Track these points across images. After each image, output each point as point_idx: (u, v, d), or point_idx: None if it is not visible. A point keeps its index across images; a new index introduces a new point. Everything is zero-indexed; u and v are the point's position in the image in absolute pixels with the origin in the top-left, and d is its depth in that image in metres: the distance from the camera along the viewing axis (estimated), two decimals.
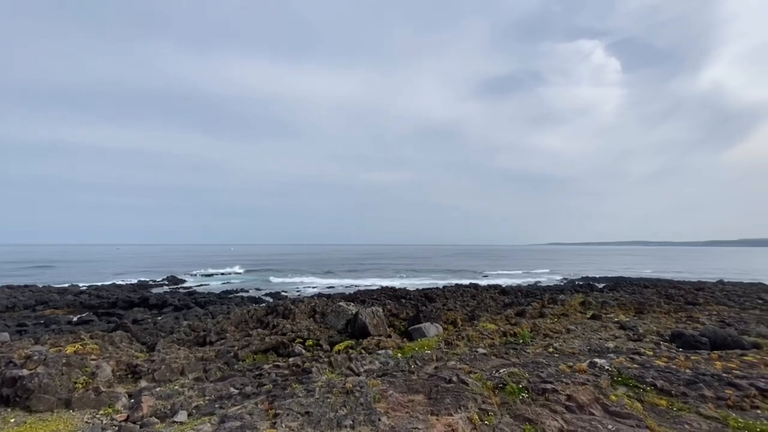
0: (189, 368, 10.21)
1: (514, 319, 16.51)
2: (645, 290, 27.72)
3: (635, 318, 16.36)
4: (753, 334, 12.15)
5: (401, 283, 43.63)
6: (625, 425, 5.78)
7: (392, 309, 18.81)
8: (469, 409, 6.13)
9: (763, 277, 47.07)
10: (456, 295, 27.98)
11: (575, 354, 9.93)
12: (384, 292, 30.40)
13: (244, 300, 34.12)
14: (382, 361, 9.61)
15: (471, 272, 66.06)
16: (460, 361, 9.31)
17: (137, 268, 74.86)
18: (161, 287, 45.09)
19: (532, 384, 7.15)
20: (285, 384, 7.85)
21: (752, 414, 6.12)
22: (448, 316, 16.99)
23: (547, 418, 5.90)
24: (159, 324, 21.01)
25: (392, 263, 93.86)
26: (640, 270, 68.26)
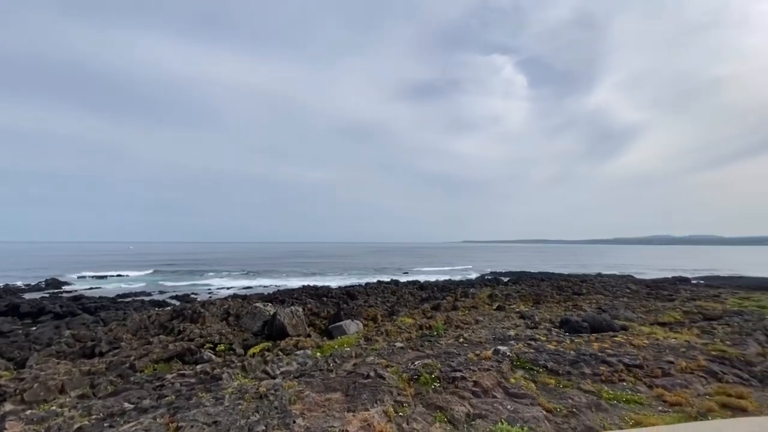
0: (71, 385, 8.88)
1: (430, 312, 17.36)
2: (542, 283, 31.24)
3: (533, 308, 18.34)
4: (622, 318, 14.44)
5: (324, 282, 43.12)
6: (522, 404, 6.44)
7: (313, 308, 18.50)
8: (385, 403, 6.29)
9: (631, 270, 56.09)
10: (377, 291, 28.53)
11: (482, 343, 10.78)
12: (305, 290, 29.76)
13: (144, 304, 30.60)
14: (300, 362, 9.39)
15: (393, 269, 67.92)
16: (378, 356, 9.51)
17: (6, 269, 62.75)
18: (38, 292, 38.40)
19: (444, 373, 7.59)
20: (190, 394, 7.23)
21: (620, 386, 7.26)
22: (369, 313, 17.25)
23: (456, 404, 6.31)
24: (33, 335, 17.85)
25: (315, 261, 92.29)
26: (539, 265, 76.74)
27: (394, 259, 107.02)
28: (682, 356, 8.88)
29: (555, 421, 5.92)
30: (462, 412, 6.09)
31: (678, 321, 14.08)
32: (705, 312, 15.43)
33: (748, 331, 11.58)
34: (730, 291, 24.99)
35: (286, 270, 65.99)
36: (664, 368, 8.05)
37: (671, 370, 8.03)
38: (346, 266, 75.29)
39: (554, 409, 6.28)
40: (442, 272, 61.91)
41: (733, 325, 12.59)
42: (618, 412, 6.23)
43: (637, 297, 22.06)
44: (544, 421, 5.82)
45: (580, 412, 6.23)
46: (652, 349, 9.53)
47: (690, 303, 18.37)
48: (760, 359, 8.74)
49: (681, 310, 16.09)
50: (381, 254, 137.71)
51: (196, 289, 42.12)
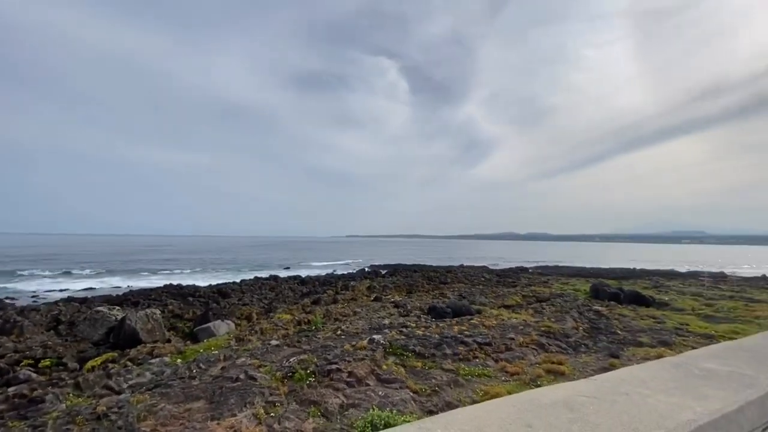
0: None
1: (309, 307, 17.16)
2: (414, 274, 33.87)
3: (406, 297, 19.74)
4: (477, 303, 16.61)
5: (191, 280, 38.72)
6: (392, 389, 6.83)
7: (175, 309, 16.46)
8: (255, 405, 5.95)
9: (485, 262, 65.04)
10: (254, 288, 26.90)
11: (359, 333, 11.12)
12: (167, 290, 26.18)
13: None
14: (156, 371, 8.23)
15: (274, 264, 65.05)
16: (251, 356, 8.96)
17: None
18: None
19: (320, 367, 7.57)
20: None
21: (474, 363, 8.31)
22: (243, 311, 16.17)
23: (330, 397, 6.34)
24: None
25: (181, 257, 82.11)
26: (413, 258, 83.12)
27: (275, 253, 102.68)
28: (520, 333, 10.64)
29: (420, 400, 6.45)
30: (336, 404, 6.16)
31: (518, 303, 16.87)
32: (537, 295, 18.86)
33: (567, 310, 14.57)
34: (555, 278, 31.09)
35: (142, 267, 57.12)
36: (507, 344, 9.52)
37: (512, 345, 9.55)
38: (219, 262, 69.18)
39: (420, 389, 6.84)
40: (326, 266, 62.00)
41: (556, 305, 15.67)
42: (472, 386, 7.11)
43: (489, 284, 25.70)
44: (410, 402, 6.28)
45: (441, 389, 6.91)
46: (499, 328, 11.19)
47: (527, 288, 22.23)
48: (574, 332, 11.06)
49: (521, 294, 19.34)
50: (261, 249, 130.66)
51: (14, 293, 33.30)
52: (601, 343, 10.19)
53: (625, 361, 8.46)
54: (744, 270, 50.25)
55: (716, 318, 13.60)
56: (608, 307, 15.55)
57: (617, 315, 13.92)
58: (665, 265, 60.05)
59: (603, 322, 12.42)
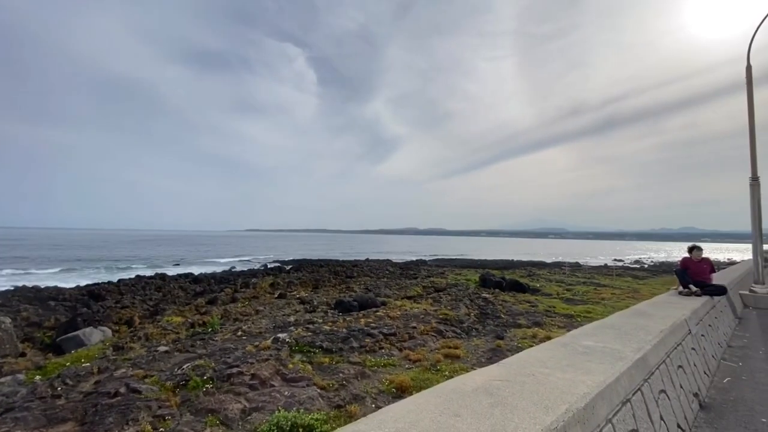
0: None
1: (204, 307, 15.78)
2: (321, 269, 33.60)
3: (312, 293, 19.47)
4: (382, 295, 17.21)
5: (53, 281, 32.39)
6: (298, 387, 6.69)
7: (31, 317, 13.63)
8: (140, 422, 5.28)
9: (388, 255, 67.62)
10: (136, 289, 23.65)
11: (262, 333, 10.62)
12: (19, 294, 21.47)
13: None
14: (6, 392, 6.72)
15: (161, 262, 58.01)
16: (133, 366, 7.90)
17: None
18: None
19: (218, 372, 7.04)
20: None
21: (380, 354, 8.59)
22: (122, 315, 14.14)
23: (230, 403, 5.94)
24: None
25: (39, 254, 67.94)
26: (319, 253, 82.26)
27: (163, 249, 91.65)
28: (421, 321, 11.35)
29: (327, 396, 6.44)
30: (237, 410, 5.80)
31: (419, 294, 17.98)
32: (435, 286, 20.32)
33: (460, 298, 15.99)
34: (450, 269, 33.86)
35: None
36: (410, 333, 10.07)
37: (415, 333, 10.13)
38: (91, 260, 59.20)
39: (327, 385, 6.83)
40: (223, 263, 57.54)
41: (452, 294, 17.09)
42: (378, 377, 7.36)
43: (393, 277, 26.83)
44: (318, 399, 6.24)
45: (349, 383, 7.01)
46: (403, 318, 11.78)
47: (427, 279, 23.81)
48: (466, 317, 12.19)
49: (421, 285, 20.63)
50: (146, 244, 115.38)
51: None
52: (488, 326, 11.43)
53: (508, 342, 9.63)
54: (594, 260, 62.18)
55: (574, 300, 16.37)
56: (494, 294, 17.54)
57: (501, 301, 15.78)
58: (536, 256, 70.08)
59: (490, 308, 13.95)
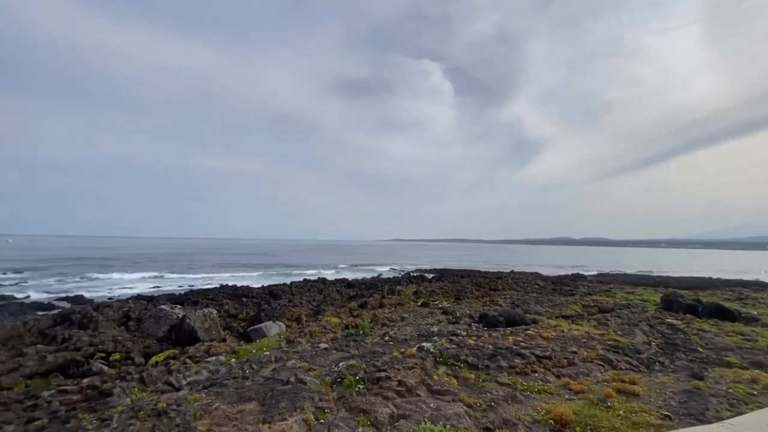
0: None
1: (357, 311, 17.15)
2: (462, 280, 32.95)
3: (455, 303, 19.12)
4: (532, 312, 15.65)
5: (244, 281, 40.63)
6: (444, 401, 6.47)
7: (230, 309, 17.17)
8: (305, 410, 5.87)
9: (538, 268, 61.96)
10: (303, 290, 27.58)
11: (407, 340, 10.83)
12: (222, 291, 27.63)
13: (24, 308, 25.86)
14: (212, 370, 8.49)
15: (320, 267, 66.67)
16: (300, 358, 8.99)
17: None
18: None
19: (369, 374, 7.38)
20: (69, 416, 6.06)
21: (532, 377, 7.70)
22: (293, 313, 16.49)
23: (380, 406, 6.12)
24: None
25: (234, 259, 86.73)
26: (460, 262, 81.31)
27: (321, 256, 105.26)
28: (583, 346, 9.78)
29: (475, 416, 6.02)
30: (386, 414, 5.92)
31: (578, 314, 15.67)
32: (600, 305, 17.43)
33: (635, 322, 13.27)
34: (617, 286, 28.75)
35: (200, 268, 61.03)
36: (569, 358, 8.76)
37: (575, 359, 8.77)
38: (269, 264, 72.05)
39: (474, 403, 6.41)
40: (371, 270, 62.41)
41: (622, 317, 14.35)
42: (531, 403, 6.56)
43: (544, 292, 24.27)
44: (465, 417, 5.88)
45: (498, 405, 6.43)
46: (559, 340, 10.38)
47: (587, 297, 20.67)
48: (645, 347, 9.98)
49: (580, 303, 17.99)
50: (307, 252, 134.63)
51: (92, 290, 36.89)
52: (679, 361, 9.08)
53: (711, 385, 7.43)
54: None
55: None
56: (684, 321, 13.96)
57: (696, 330, 12.43)
58: (748, 274, 53.62)
59: (680, 338, 11.13)
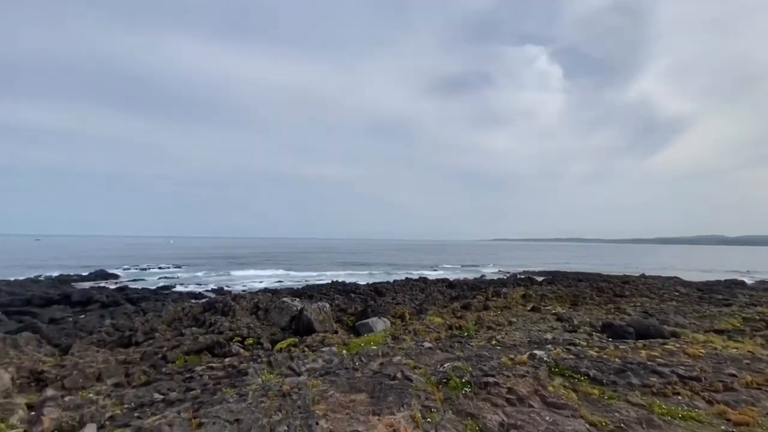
0: (107, 373, 9.14)
1: (459, 312, 16.82)
2: (579, 283, 29.73)
3: (571, 310, 17.36)
4: (672, 323, 13.29)
5: (351, 278, 43.29)
6: (561, 415, 5.89)
7: (341, 304, 18.42)
8: (412, 407, 5.94)
9: (678, 272, 52.57)
10: (405, 288, 28.18)
11: (516, 346, 10.19)
12: (333, 286, 29.88)
13: (182, 296, 31.81)
14: (326, 359, 9.21)
15: (421, 266, 67.34)
16: (405, 356, 9.17)
17: (60, 261, 67.58)
18: (87, 282, 40.92)
19: (475, 378, 7.14)
20: (216, 388, 7.19)
21: (674, 400, 6.53)
22: (397, 310, 16.94)
23: (488, 412, 5.86)
24: (80, 323, 18.88)
25: (342, 257, 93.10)
26: (575, 264, 73.60)
27: (422, 256, 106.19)
28: (746, 369, 7.94)
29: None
30: (495, 421, 5.65)
31: (738, 329, 12.78)
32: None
33: None
34: None
35: (313, 266, 67.02)
36: (725, 382, 7.20)
37: (734, 384, 7.16)
38: (373, 263, 75.41)
39: (599, 423, 5.69)
40: (472, 270, 60.68)
41: None
42: (673, 429, 5.56)
43: (687, 301, 20.42)
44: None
45: (629, 427, 5.61)
46: (710, 359, 8.60)
47: (750, 309, 16.72)
48: None
49: (740, 316, 14.64)
50: (408, 251, 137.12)
51: (230, 283, 43.48)
52: None
53: None
54: None
55: None
56: None
57: None
58: None
59: None
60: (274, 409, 5.69)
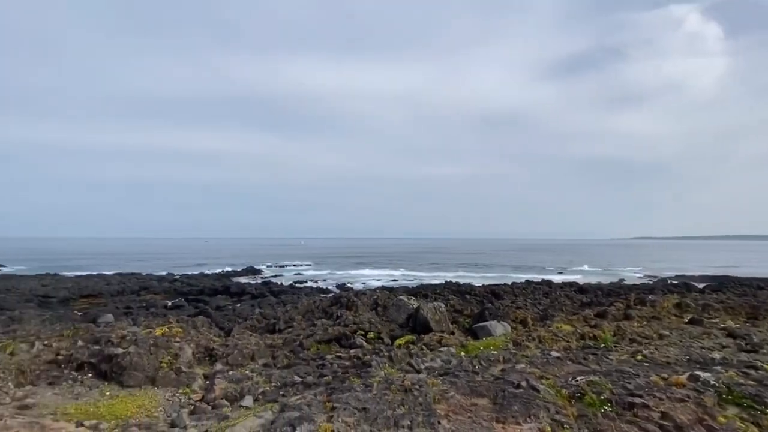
0: (259, 354, 10.74)
1: (593, 320, 14.96)
2: (759, 292, 23.61)
3: (747, 324, 13.89)
4: None
5: (465, 278, 42.40)
6: None
7: (455, 305, 18.21)
8: (541, 419, 5.52)
9: None
10: (526, 292, 26.36)
11: (670, 364, 8.61)
12: (447, 287, 29.73)
13: (312, 290, 35.69)
14: (444, 359, 9.21)
15: (542, 268, 62.12)
16: (530, 364, 8.57)
17: (222, 259, 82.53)
18: (241, 277, 49.02)
19: (617, 396, 6.26)
20: (344, 376, 7.83)
21: None
22: (517, 315, 15.95)
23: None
24: (237, 311, 22.73)
25: (455, 257, 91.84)
26: (750, 268, 58.69)
27: (542, 257, 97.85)
28: None
29: None
30: None
31: None
32: None
33: None
34: None
35: (426, 266, 67.72)
36: None
37: None
38: (488, 264, 72.54)
39: None
40: (608, 273, 53.43)
41: None
42: None
43: None
44: None
45: None
46: None
47: None
48: None
49: None
50: (527, 252, 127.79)
51: (352, 280, 46.99)
52: None
53: None
54: None
55: None
56: None
57: None
58: None
59: None
60: (397, 403, 5.91)
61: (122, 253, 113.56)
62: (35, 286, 33.53)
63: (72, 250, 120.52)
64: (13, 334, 9.95)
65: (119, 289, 33.18)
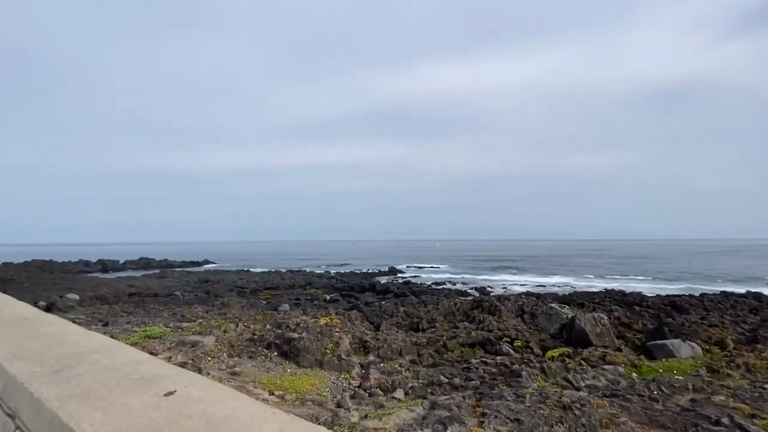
0: (405, 350, 11.33)
1: None
2: None
3: None
4: None
5: (630, 287, 35.97)
6: None
7: (621, 317, 15.66)
8: None
9: None
10: (723, 306, 20.77)
11: None
12: (609, 295, 25.72)
13: (451, 292, 35.69)
14: (610, 379, 8.04)
15: (745, 278, 48.12)
16: (733, 397, 6.78)
17: (366, 259, 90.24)
18: (383, 276, 52.57)
19: None
20: (492, 383, 7.60)
21: None
22: (711, 334, 12.76)
23: None
24: (383, 307, 24.42)
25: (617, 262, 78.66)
26: None
27: (748, 262, 75.37)
28: None
29: None
30: None
31: None
32: None
33: None
34: None
35: (580, 270, 59.86)
36: None
37: None
38: (660, 270, 59.83)
39: None
40: None
41: None
42: None
43: None
44: None
45: None
46: None
47: None
48: None
49: None
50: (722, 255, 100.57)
51: (491, 283, 45.14)
52: None
53: None
54: None
55: None
56: None
57: None
58: None
59: None
60: (555, 420, 5.45)
61: (290, 253, 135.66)
62: (234, 278, 43.31)
63: (257, 251, 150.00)
64: (224, 316, 12.92)
65: (290, 284, 39.64)
